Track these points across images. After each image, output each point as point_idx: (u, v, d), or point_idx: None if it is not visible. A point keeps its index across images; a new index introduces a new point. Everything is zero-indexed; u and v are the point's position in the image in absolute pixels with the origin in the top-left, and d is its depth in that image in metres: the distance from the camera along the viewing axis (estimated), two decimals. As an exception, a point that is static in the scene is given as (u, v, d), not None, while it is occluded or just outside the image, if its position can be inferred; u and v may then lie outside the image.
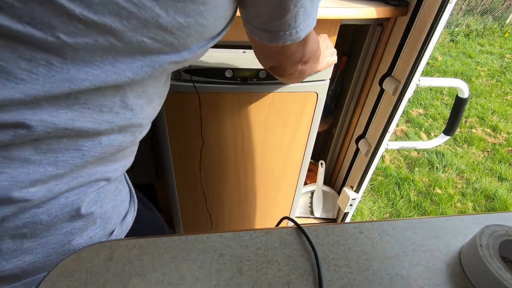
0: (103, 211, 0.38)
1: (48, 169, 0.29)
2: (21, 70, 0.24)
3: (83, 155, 0.31)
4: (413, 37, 0.83)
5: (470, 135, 2.40)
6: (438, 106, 2.71)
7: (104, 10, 0.24)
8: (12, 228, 0.29)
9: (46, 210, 0.31)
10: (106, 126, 0.31)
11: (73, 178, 0.32)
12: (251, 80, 0.74)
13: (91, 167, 0.33)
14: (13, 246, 0.30)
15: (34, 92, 0.25)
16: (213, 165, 0.91)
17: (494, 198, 1.88)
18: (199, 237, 0.34)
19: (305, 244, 0.35)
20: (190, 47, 0.32)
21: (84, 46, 0.25)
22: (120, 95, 0.30)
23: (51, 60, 0.25)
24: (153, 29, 0.27)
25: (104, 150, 0.33)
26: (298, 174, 1.03)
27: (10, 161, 0.27)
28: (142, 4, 0.25)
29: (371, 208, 1.76)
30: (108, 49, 0.26)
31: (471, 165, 2.13)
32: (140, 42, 0.27)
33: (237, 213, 1.09)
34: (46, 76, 0.25)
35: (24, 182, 0.28)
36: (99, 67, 0.27)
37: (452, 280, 0.33)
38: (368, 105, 1.07)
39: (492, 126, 2.53)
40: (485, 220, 0.40)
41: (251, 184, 1.01)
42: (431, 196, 1.86)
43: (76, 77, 0.26)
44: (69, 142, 0.29)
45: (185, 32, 0.29)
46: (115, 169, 0.37)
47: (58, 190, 0.31)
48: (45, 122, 0.26)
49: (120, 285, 0.29)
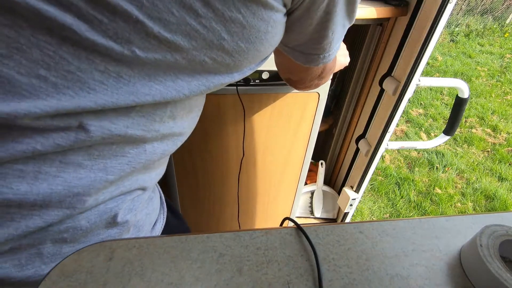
0: (137, 219, 0.39)
1: (98, 175, 0.30)
2: (94, 80, 0.26)
3: (129, 162, 0.32)
4: (413, 37, 0.83)
5: (470, 135, 2.40)
6: (438, 106, 2.71)
7: (178, 30, 0.26)
8: (55, 233, 0.30)
9: (86, 216, 0.32)
10: (152, 134, 0.32)
11: (117, 187, 0.33)
12: (254, 82, 0.74)
13: (134, 175, 0.34)
14: (53, 250, 0.31)
15: (103, 102, 0.26)
16: (214, 166, 0.91)
17: (494, 198, 1.88)
18: (199, 237, 0.34)
19: (305, 244, 0.35)
20: (242, 69, 0.34)
21: (153, 61, 0.27)
22: (171, 107, 0.32)
23: (121, 72, 0.26)
24: (215, 51, 0.29)
25: (149, 157, 0.34)
26: (299, 174, 1.03)
27: (65, 166, 0.28)
28: (211, 28, 0.27)
29: (371, 208, 1.76)
30: (172, 66, 0.28)
31: (471, 165, 2.13)
32: (202, 62, 0.29)
33: (236, 213, 1.09)
34: (115, 87, 0.26)
35: (77, 187, 0.29)
36: (161, 82, 0.29)
37: (452, 280, 0.33)
38: (368, 105, 1.07)
39: (492, 126, 2.53)
40: (485, 220, 0.40)
41: (252, 184, 1.01)
42: (431, 196, 1.86)
43: (141, 91, 0.28)
44: (117, 149, 0.31)
45: (243, 55, 0.31)
46: (151, 178, 0.38)
47: (103, 198, 0.32)
48: (103, 128, 0.28)
49: (120, 285, 0.29)
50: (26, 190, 0.27)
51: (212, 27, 0.27)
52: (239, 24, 0.28)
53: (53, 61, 0.24)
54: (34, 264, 0.31)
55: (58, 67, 0.24)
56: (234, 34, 0.28)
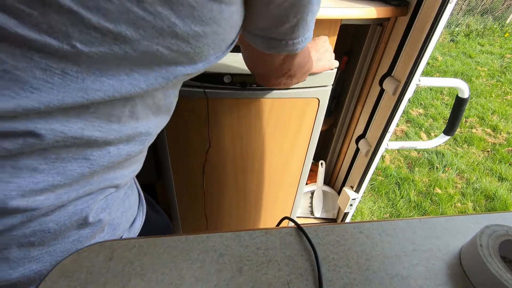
0: (111, 218, 0.37)
1: (56, 178, 0.29)
2: (36, 79, 0.24)
3: (91, 165, 0.31)
4: (413, 37, 0.83)
5: (470, 135, 2.40)
6: (438, 106, 2.71)
7: (120, 19, 0.24)
8: (20, 237, 0.29)
9: (54, 218, 0.30)
10: (114, 135, 0.31)
11: (82, 186, 0.31)
12: (251, 86, 0.72)
13: (99, 175, 0.32)
14: (20, 254, 0.30)
15: (47, 100, 0.24)
16: (211, 169, 0.91)
17: (494, 198, 1.88)
18: (199, 237, 0.34)
19: (305, 244, 0.35)
20: (206, 57, 0.32)
21: (99, 55, 0.25)
22: (130, 106, 0.30)
23: (66, 69, 0.24)
24: (168, 38, 0.27)
25: (113, 159, 0.32)
26: (299, 178, 1.02)
27: (19, 171, 0.27)
28: (158, 13, 0.25)
29: (371, 208, 1.76)
30: (123, 58, 0.26)
31: (471, 165, 2.13)
32: (156, 52, 0.27)
33: (236, 216, 1.09)
34: (61, 85, 0.25)
35: (33, 191, 0.27)
36: (114, 76, 0.27)
37: (452, 280, 0.33)
38: (368, 105, 1.07)
39: (492, 126, 2.53)
40: (485, 220, 0.40)
41: (250, 188, 1.00)
42: (431, 196, 1.86)
43: (91, 87, 0.26)
44: (78, 152, 0.29)
45: (201, 41, 0.29)
46: (123, 176, 0.36)
47: (67, 198, 0.30)
48: (55, 131, 0.26)
49: (120, 285, 0.29)
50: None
51: (159, 13, 0.25)
52: (188, 6, 0.26)
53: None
54: (0, 269, 0.29)
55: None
56: (185, 17, 0.26)
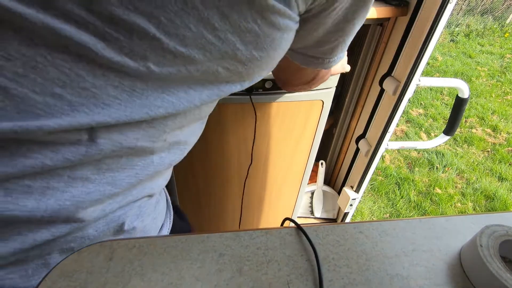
0: (144, 225, 0.38)
1: (107, 188, 0.30)
2: (109, 96, 0.25)
3: (137, 174, 0.32)
4: (413, 37, 0.83)
5: (470, 135, 2.40)
6: (438, 106, 2.71)
7: (193, 44, 0.26)
8: (62, 243, 0.30)
9: (94, 225, 0.32)
10: (160, 144, 0.32)
11: (125, 197, 0.32)
12: (257, 91, 0.71)
13: (143, 184, 0.34)
14: (60, 259, 0.31)
15: (117, 116, 0.26)
16: (215, 173, 0.90)
17: (494, 198, 1.88)
18: (199, 237, 0.34)
19: (305, 244, 0.35)
20: (255, 77, 0.34)
21: (167, 75, 0.27)
22: (180, 117, 0.31)
23: (134, 86, 0.26)
24: (229, 60, 0.29)
25: (157, 168, 0.34)
26: (301, 179, 1.02)
27: (74, 181, 0.28)
28: (226, 39, 0.27)
29: (371, 208, 1.76)
30: (186, 77, 0.28)
31: (471, 165, 2.13)
32: (215, 72, 0.29)
33: (238, 217, 1.09)
34: (128, 101, 0.26)
35: (85, 202, 0.28)
36: (174, 94, 0.28)
37: (452, 280, 0.33)
38: (368, 105, 1.07)
39: (492, 126, 2.53)
40: (485, 220, 0.40)
41: (253, 191, 1.00)
42: (431, 196, 1.86)
43: (153, 103, 0.27)
44: (126, 161, 0.30)
45: (255, 63, 0.31)
46: (158, 185, 0.37)
47: (110, 209, 0.32)
48: (114, 141, 0.27)
49: (120, 285, 0.29)
50: (33, 206, 0.26)
51: (228, 39, 0.27)
52: (254, 34, 0.28)
53: (68, 79, 0.24)
54: (40, 274, 0.30)
55: (74, 85, 0.24)
56: (248, 43, 0.28)
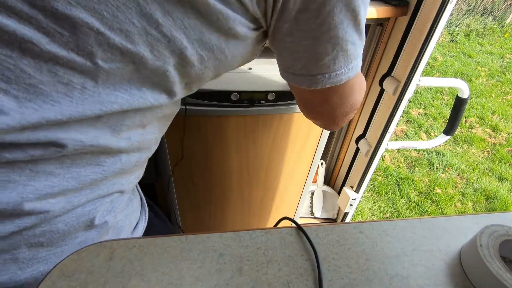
0: (116, 221, 0.38)
1: (71, 183, 0.30)
2: (58, 93, 0.26)
3: (103, 171, 0.32)
4: (413, 37, 0.83)
5: (470, 135, 2.40)
6: (438, 106, 2.71)
7: (140, 41, 0.26)
8: (30, 237, 0.30)
9: (63, 219, 0.32)
10: (125, 143, 0.32)
11: (92, 191, 0.33)
12: (259, 103, 0.70)
13: (109, 181, 0.34)
14: (29, 255, 0.31)
15: (68, 113, 0.26)
16: (216, 183, 0.90)
17: (494, 198, 1.88)
18: (199, 237, 0.34)
19: (305, 244, 0.35)
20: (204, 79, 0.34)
21: (115, 70, 0.27)
22: (140, 115, 0.32)
23: (85, 84, 0.26)
24: (177, 59, 0.29)
25: (123, 166, 0.34)
26: (303, 185, 1.02)
27: (36, 174, 0.28)
28: (172, 36, 0.27)
29: (371, 208, 1.76)
30: (136, 74, 0.28)
31: (471, 165, 2.13)
32: (165, 71, 0.29)
33: (240, 224, 1.09)
34: (80, 99, 0.27)
35: (47, 194, 0.29)
36: (126, 91, 0.29)
37: (452, 280, 0.33)
38: (368, 105, 1.07)
39: (492, 126, 2.53)
40: (485, 220, 0.40)
41: (255, 198, 1.00)
42: (431, 196, 1.86)
43: (106, 99, 0.28)
44: (92, 158, 0.31)
45: (203, 64, 0.31)
46: (129, 182, 0.38)
47: (77, 202, 0.32)
48: (74, 140, 0.28)
49: (120, 285, 0.29)
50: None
51: (173, 36, 0.27)
52: (198, 32, 0.28)
53: (13, 75, 0.24)
54: (9, 270, 0.30)
55: (19, 81, 0.24)
56: (194, 42, 0.29)
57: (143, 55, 0.27)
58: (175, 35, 0.27)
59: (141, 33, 0.26)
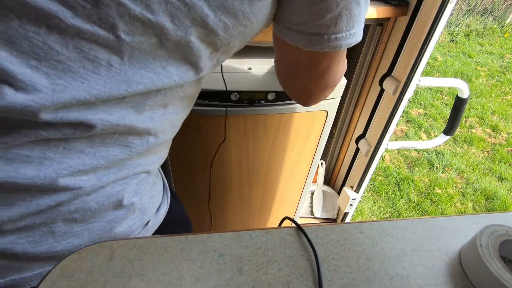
0: (142, 203, 0.40)
1: (100, 161, 0.31)
2: (85, 69, 0.26)
3: (130, 151, 0.33)
4: (413, 37, 0.83)
5: (470, 135, 2.40)
6: (438, 106, 2.71)
7: (160, 10, 0.26)
8: (66, 213, 0.32)
9: (94, 198, 0.33)
10: (149, 123, 0.33)
11: (119, 170, 0.34)
12: (259, 102, 0.70)
13: (134, 160, 0.35)
14: (65, 229, 0.33)
15: (96, 92, 0.27)
16: (216, 183, 0.90)
17: (494, 198, 1.88)
18: (199, 237, 0.34)
19: (305, 244, 0.35)
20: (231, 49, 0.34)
21: (139, 45, 0.27)
22: (161, 95, 0.32)
23: (111, 60, 0.27)
24: (199, 29, 0.29)
25: (150, 147, 0.35)
26: (303, 185, 1.02)
27: (69, 152, 0.29)
28: (193, 4, 0.27)
29: (371, 208, 1.76)
30: (159, 49, 0.28)
31: (471, 165, 2.13)
32: (188, 42, 0.29)
33: (240, 224, 1.09)
34: (106, 76, 0.27)
35: (80, 172, 0.30)
36: (152, 70, 0.29)
37: (452, 280, 0.33)
38: (368, 105, 1.07)
39: (492, 126, 2.53)
40: (485, 220, 0.40)
41: (255, 198, 1.00)
42: (431, 196, 1.86)
43: (133, 79, 0.28)
44: (120, 138, 0.32)
45: (228, 33, 0.31)
46: (154, 162, 0.39)
47: (107, 180, 0.33)
48: (102, 120, 0.29)
49: (120, 285, 0.29)
50: (33, 174, 0.28)
51: (194, 3, 0.27)
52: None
53: (43, 52, 0.24)
54: (47, 241, 0.32)
55: (48, 57, 0.24)
56: (216, 9, 0.28)
57: (164, 25, 0.27)
58: (195, 2, 0.27)
59: (161, 1, 0.26)
